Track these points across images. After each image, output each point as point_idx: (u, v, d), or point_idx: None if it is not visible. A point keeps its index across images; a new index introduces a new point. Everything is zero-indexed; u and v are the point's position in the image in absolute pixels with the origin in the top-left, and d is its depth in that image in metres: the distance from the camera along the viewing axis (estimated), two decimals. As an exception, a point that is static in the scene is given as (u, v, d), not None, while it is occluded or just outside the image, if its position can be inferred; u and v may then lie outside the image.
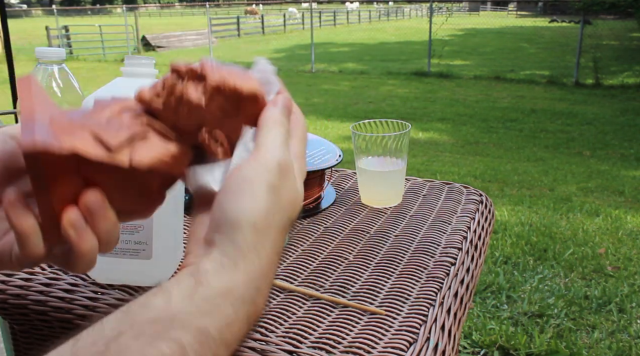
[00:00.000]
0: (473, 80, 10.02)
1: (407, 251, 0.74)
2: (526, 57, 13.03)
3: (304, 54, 13.52)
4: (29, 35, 17.90)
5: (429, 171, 4.34)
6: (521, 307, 2.05)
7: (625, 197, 3.85)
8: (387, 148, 0.85)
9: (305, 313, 0.59)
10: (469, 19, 20.80)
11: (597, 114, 7.18)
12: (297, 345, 0.53)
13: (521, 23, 22.45)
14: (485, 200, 0.92)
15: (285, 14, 23.20)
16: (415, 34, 15.34)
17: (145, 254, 0.61)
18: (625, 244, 2.71)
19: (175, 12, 43.59)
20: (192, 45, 17.07)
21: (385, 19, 27.23)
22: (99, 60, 14.04)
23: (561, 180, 4.27)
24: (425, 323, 0.57)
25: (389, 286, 0.64)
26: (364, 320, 0.58)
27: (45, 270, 0.67)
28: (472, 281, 0.70)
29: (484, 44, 15.99)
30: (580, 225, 2.99)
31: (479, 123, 6.67)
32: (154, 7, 48.45)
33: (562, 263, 2.45)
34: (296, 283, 0.66)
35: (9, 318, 0.64)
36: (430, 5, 11.73)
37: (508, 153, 5.31)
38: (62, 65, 0.72)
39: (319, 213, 0.86)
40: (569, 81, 9.59)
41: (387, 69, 11.33)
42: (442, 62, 10.99)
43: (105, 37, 16.00)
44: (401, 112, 7.31)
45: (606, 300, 2.11)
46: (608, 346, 1.82)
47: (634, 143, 5.69)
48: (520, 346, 1.80)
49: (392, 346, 0.53)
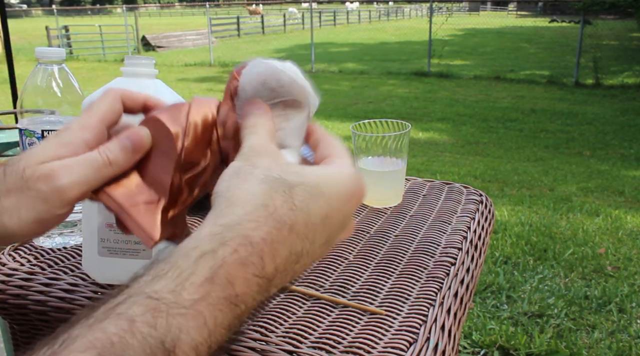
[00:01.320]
0: (473, 80, 10.02)
1: (407, 251, 0.74)
2: (526, 57, 13.04)
3: (304, 54, 13.52)
4: (29, 35, 17.91)
5: (429, 171, 4.34)
6: (521, 307, 2.05)
7: (625, 197, 3.85)
8: (387, 148, 0.85)
9: (305, 313, 0.59)
10: (469, 19, 20.80)
11: (597, 114, 7.18)
12: (297, 345, 0.53)
13: (521, 23, 22.45)
14: (485, 200, 0.92)
15: (285, 14, 23.20)
16: (415, 34, 15.34)
17: (145, 254, 0.61)
18: (625, 244, 2.71)
19: (175, 12, 43.60)
20: (192, 45, 17.07)
21: (385, 19, 27.23)
22: (99, 60, 14.05)
23: (561, 180, 4.27)
24: (425, 323, 0.57)
25: (389, 286, 0.64)
26: (364, 320, 0.58)
27: (45, 270, 0.67)
28: (472, 281, 0.70)
29: (484, 44, 15.99)
30: (580, 225, 2.99)
31: (479, 123, 6.67)
32: (154, 7, 48.45)
33: (562, 263, 2.45)
34: (296, 283, 0.66)
35: (9, 318, 0.64)
36: (430, 5, 11.72)
37: (508, 153, 5.31)
38: (62, 65, 0.72)
39: (319, 213, 0.86)
40: (569, 81, 9.59)
41: (387, 69, 11.33)
42: (442, 62, 10.98)
43: (105, 37, 16.01)
44: (401, 112, 7.31)
45: (606, 300, 2.11)
46: (608, 346, 1.82)
47: (634, 143, 5.69)
48: (520, 346, 1.80)
49: (392, 346, 0.53)
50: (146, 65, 0.60)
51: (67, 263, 0.69)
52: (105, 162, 0.39)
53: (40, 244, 0.73)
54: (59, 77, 0.71)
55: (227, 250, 0.30)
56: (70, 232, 0.74)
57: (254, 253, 0.31)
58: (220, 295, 0.29)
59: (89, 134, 0.40)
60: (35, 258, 0.70)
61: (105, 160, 0.39)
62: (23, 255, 0.71)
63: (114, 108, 0.43)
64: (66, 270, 0.67)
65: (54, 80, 0.71)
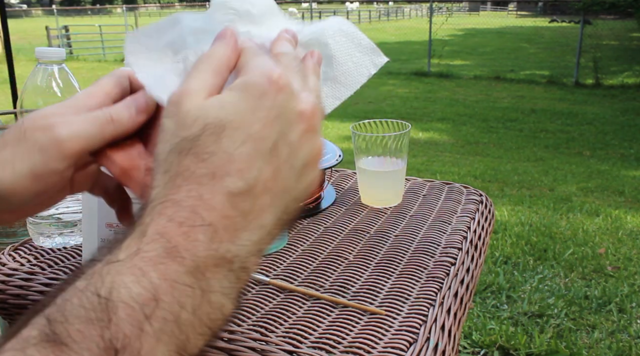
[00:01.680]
0: (473, 80, 10.02)
1: (407, 251, 0.73)
2: (526, 57, 13.03)
3: (304, 53, 13.49)
4: (29, 35, 17.90)
5: (429, 171, 4.34)
6: (521, 307, 2.05)
7: (625, 197, 3.85)
8: (387, 148, 0.85)
9: (305, 313, 0.59)
10: (469, 19, 20.81)
11: (597, 114, 7.18)
12: (297, 345, 0.53)
13: (521, 23, 22.45)
14: (485, 200, 0.92)
15: (285, 14, 23.18)
16: (415, 34, 15.34)
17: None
18: (625, 244, 2.71)
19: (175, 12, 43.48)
20: (192, 45, 17.04)
21: (385, 19, 27.25)
22: (99, 60, 14.04)
23: (561, 180, 4.27)
24: (425, 323, 0.57)
25: (389, 286, 0.64)
26: (364, 320, 0.58)
27: (45, 270, 0.67)
28: (472, 281, 0.70)
29: (484, 44, 15.99)
30: (580, 225, 2.99)
31: (479, 123, 6.67)
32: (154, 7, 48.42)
33: (562, 263, 2.45)
34: (296, 283, 0.66)
35: (9, 318, 0.64)
36: (430, 5, 11.72)
37: (508, 153, 5.31)
38: (62, 65, 0.71)
39: (319, 213, 0.86)
40: (569, 81, 9.58)
41: (387, 69, 11.31)
42: (442, 62, 10.98)
43: (105, 37, 16.01)
44: (401, 112, 7.31)
45: (606, 300, 2.11)
46: (608, 346, 1.82)
47: (634, 143, 5.69)
48: (520, 346, 1.80)
49: (392, 346, 0.53)
50: (146, 65, 0.60)
51: (67, 263, 0.69)
52: (108, 119, 0.39)
53: (40, 244, 0.73)
54: (59, 77, 0.71)
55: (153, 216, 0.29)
56: (70, 232, 0.74)
57: (181, 209, 0.29)
58: (155, 248, 0.28)
59: (93, 101, 0.40)
60: (35, 258, 0.70)
61: (108, 117, 0.39)
62: (23, 255, 0.71)
63: (121, 84, 0.42)
64: (66, 270, 0.67)
65: (54, 80, 0.71)
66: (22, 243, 0.74)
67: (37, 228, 0.73)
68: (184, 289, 0.28)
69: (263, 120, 0.32)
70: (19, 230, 0.97)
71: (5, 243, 0.78)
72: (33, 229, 0.74)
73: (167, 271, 0.27)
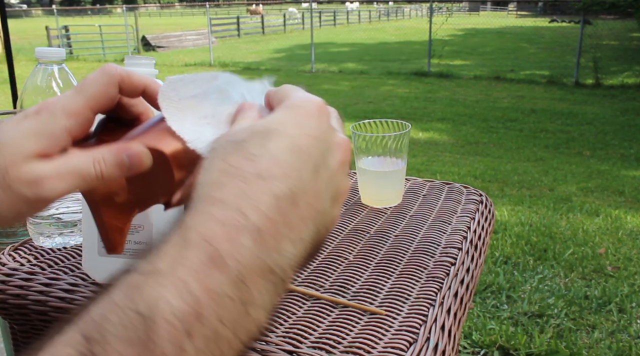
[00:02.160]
0: (473, 80, 10.03)
1: (407, 251, 0.74)
2: (526, 57, 13.04)
3: (304, 54, 13.53)
4: (29, 35, 17.91)
5: (429, 171, 4.34)
6: (521, 307, 2.05)
7: (625, 197, 3.85)
8: (387, 148, 0.85)
9: (305, 313, 0.59)
10: (469, 19, 20.81)
11: (597, 114, 7.18)
12: (297, 345, 0.53)
13: (521, 23, 22.45)
14: (485, 200, 0.92)
15: (285, 14, 23.22)
16: (415, 34, 15.35)
17: (145, 254, 0.61)
18: (625, 244, 2.71)
19: (175, 12, 43.62)
20: (192, 45, 17.07)
21: (385, 19, 27.25)
22: (99, 60, 14.04)
23: (561, 180, 4.27)
24: (425, 323, 0.57)
25: (389, 286, 0.64)
26: (364, 320, 0.58)
27: (45, 270, 0.67)
28: (472, 281, 0.70)
29: (484, 44, 15.99)
30: (580, 225, 2.99)
31: (479, 123, 6.67)
32: (154, 7, 48.47)
33: (562, 263, 2.45)
34: (296, 283, 0.66)
35: (9, 318, 0.64)
36: (430, 5, 11.73)
37: (508, 153, 5.31)
38: (62, 65, 0.71)
39: (319, 213, 0.86)
40: (569, 81, 9.59)
41: (387, 69, 11.33)
42: (442, 62, 10.99)
43: (105, 37, 16.02)
44: (401, 112, 7.31)
45: (606, 300, 2.11)
46: (608, 346, 1.82)
47: (634, 143, 5.69)
48: (520, 346, 1.80)
49: (392, 346, 0.53)
50: (146, 65, 0.60)
51: (67, 263, 0.69)
52: (98, 176, 0.38)
53: (40, 244, 0.73)
54: (59, 77, 0.71)
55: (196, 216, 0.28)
56: (70, 232, 0.74)
57: (227, 208, 0.28)
58: (198, 255, 0.27)
59: (73, 122, 0.38)
60: (35, 258, 0.70)
61: (98, 174, 0.38)
62: (23, 255, 0.71)
63: (107, 93, 0.40)
64: (66, 270, 0.67)
65: (54, 80, 0.71)
66: (22, 243, 0.74)
67: (37, 228, 0.73)
68: (225, 301, 0.26)
69: (308, 137, 0.32)
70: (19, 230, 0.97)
71: (5, 243, 0.78)
72: (33, 229, 0.74)
73: (208, 281, 0.26)
